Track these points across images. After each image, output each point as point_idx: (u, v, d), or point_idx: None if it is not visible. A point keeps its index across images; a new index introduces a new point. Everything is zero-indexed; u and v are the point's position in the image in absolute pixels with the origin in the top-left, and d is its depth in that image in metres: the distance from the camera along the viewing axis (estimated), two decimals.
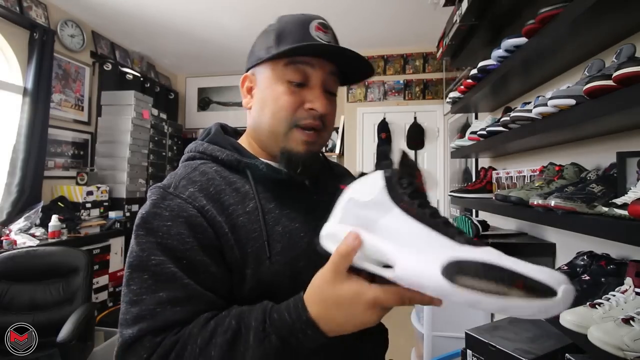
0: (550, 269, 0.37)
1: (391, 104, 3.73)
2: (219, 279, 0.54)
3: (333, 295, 0.45)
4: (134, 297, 0.51)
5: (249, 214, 0.58)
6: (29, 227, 2.38)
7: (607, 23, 0.90)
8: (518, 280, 0.36)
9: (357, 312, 0.45)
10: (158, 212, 0.55)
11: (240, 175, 0.62)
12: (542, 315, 0.36)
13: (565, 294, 0.35)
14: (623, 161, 0.90)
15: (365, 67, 0.66)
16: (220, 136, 0.68)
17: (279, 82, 0.62)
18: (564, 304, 0.35)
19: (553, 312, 0.36)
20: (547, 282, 0.35)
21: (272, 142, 0.64)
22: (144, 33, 3.38)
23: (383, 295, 0.43)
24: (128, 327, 0.50)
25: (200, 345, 0.47)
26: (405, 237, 0.42)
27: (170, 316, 0.50)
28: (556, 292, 0.35)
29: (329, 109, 0.63)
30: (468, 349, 1.32)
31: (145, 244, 0.53)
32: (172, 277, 0.51)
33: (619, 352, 0.68)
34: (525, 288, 0.36)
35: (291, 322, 0.47)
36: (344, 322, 0.46)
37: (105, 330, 2.35)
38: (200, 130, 4.53)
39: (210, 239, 0.55)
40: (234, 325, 0.48)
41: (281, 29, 0.63)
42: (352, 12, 2.93)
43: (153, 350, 0.48)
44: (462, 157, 2.46)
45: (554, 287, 0.35)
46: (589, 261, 0.97)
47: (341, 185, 0.52)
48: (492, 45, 1.34)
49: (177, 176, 0.61)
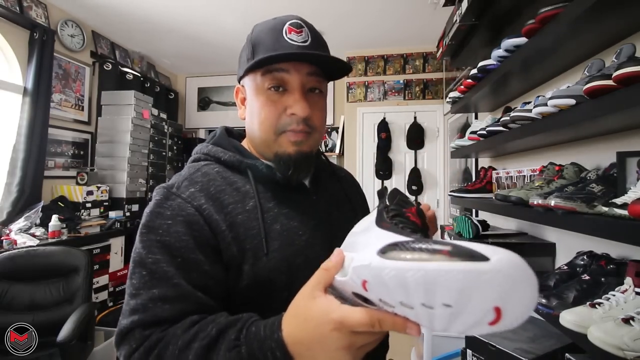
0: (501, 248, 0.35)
1: (391, 104, 3.73)
2: (212, 277, 0.56)
3: (304, 309, 0.44)
4: (133, 290, 0.54)
5: (249, 212, 0.61)
6: (29, 227, 2.38)
7: (607, 23, 0.90)
8: (444, 249, 0.35)
9: (324, 332, 0.41)
10: (160, 211, 0.58)
11: (242, 176, 0.65)
12: (473, 281, 0.34)
13: (503, 262, 0.33)
14: (623, 161, 0.90)
15: (341, 64, 0.65)
16: (224, 138, 0.71)
17: (260, 93, 0.64)
18: (502, 273, 0.33)
19: (485, 279, 0.34)
20: (478, 249, 0.34)
21: (266, 149, 0.66)
22: (144, 33, 3.38)
23: (351, 314, 0.40)
24: (124, 318, 0.54)
25: (180, 347, 0.49)
26: (370, 243, 0.42)
27: (160, 313, 0.52)
28: (488, 258, 0.34)
29: (309, 111, 0.63)
30: (468, 349, 1.32)
31: (147, 241, 0.56)
32: (165, 276, 0.54)
33: (619, 352, 0.67)
34: (450, 254, 0.35)
35: (263, 337, 0.46)
36: (310, 345, 0.43)
37: (105, 330, 2.35)
38: (200, 130, 4.55)
39: (206, 237, 0.57)
40: (213, 333, 0.49)
41: (255, 38, 0.64)
42: (352, 12, 2.93)
43: (141, 342, 0.51)
44: (462, 157, 2.46)
45: (485, 254, 0.34)
46: (589, 261, 0.97)
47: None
48: (492, 45, 1.34)
49: (180, 177, 0.64)
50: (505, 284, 0.35)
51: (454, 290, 0.37)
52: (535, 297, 0.36)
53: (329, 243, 0.62)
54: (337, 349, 0.41)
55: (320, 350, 0.42)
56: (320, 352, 0.42)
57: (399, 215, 0.45)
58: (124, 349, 0.52)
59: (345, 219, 0.70)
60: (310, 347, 0.43)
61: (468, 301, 0.37)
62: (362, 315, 0.39)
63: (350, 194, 0.81)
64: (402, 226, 0.44)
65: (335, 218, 0.71)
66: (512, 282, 0.35)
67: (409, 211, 0.47)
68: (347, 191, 0.81)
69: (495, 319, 0.37)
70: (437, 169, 3.60)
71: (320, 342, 0.42)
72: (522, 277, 0.35)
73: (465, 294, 0.36)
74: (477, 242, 0.38)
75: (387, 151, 3.66)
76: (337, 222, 0.70)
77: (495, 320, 0.37)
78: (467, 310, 0.38)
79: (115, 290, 2.84)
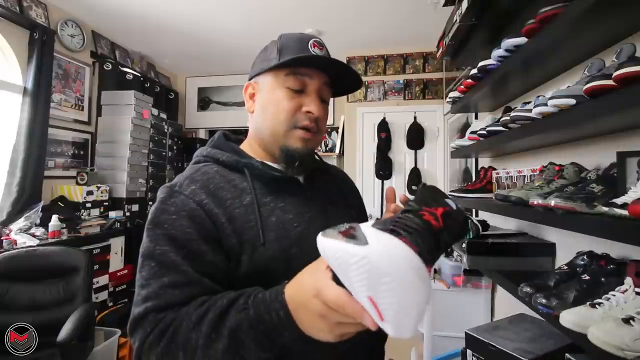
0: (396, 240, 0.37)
1: (391, 104, 3.73)
2: (215, 266, 0.61)
3: (302, 276, 0.50)
4: (143, 281, 0.59)
5: (246, 206, 0.66)
6: (29, 227, 2.38)
7: (607, 23, 0.90)
8: (348, 230, 0.39)
9: (308, 296, 0.46)
10: (165, 207, 0.64)
11: (239, 174, 0.70)
12: (345, 261, 0.37)
13: (378, 251, 0.35)
14: (623, 161, 0.90)
15: (355, 79, 0.75)
16: (223, 142, 0.77)
17: (280, 89, 0.70)
18: (370, 261, 0.35)
19: (354, 261, 0.36)
20: (368, 234, 0.37)
21: (273, 142, 0.72)
22: (144, 33, 3.38)
23: (327, 289, 0.44)
24: (137, 307, 0.58)
25: (194, 321, 0.54)
26: None
27: (171, 298, 0.57)
28: (368, 243, 0.36)
29: (322, 113, 0.72)
30: (468, 349, 1.32)
31: (153, 235, 0.62)
32: (173, 265, 0.59)
33: (619, 352, 0.67)
34: (345, 234, 0.39)
35: (269, 300, 0.51)
36: (299, 306, 0.48)
37: (105, 330, 2.34)
38: (200, 130, 4.55)
39: (208, 229, 0.62)
40: (224, 303, 0.54)
41: (283, 44, 0.72)
42: (352, 12, 2.93)
43: (155, 324, 0.55)
44: (462, 157, 2.46)
45: (368, 239, 0.36)
46: (589, 261, 0.97)
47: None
48: (492, 45, 1.34)
49: (182, 177, 0.69)
50: (373, 272, 0.36)
51: (341, 268, 0.39)
52: (418, 302, 0.36)
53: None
54: (316, 315, 0.46)
55: (304, 312, 0.47)
56: (304, 314, 0.48)
57: (411, 211, 0.44)
58: (139, 334, 0.56)
59: (340, 212, 0.78)
60: (299, 308, 0.48)
61: (350, 283, 0.39)
62: (334, 293, 0.43)
63: (344, 190, 0.87)
64: (395, 222, 0.42)
65: (330, 211, 0.76)
66: (379, 274, 0.35)
67: (429, 210, 0.44)
68: (341, 188, 0.86)
69: (378, 314, 0.37)
70: (437, 169, 3.60)
71: (304, 305, 0.47)
72: (395, 271, 0.35)
73: (347, 274, 0.39)
74: (410, 234, 0.39)
75: (387, 151, 3.66)
76: (332, 215, 0.75)
77: (380, 316, 0.37)
78: (357, 296, 0.40)
79: (115, 290, 2.84)
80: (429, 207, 0.44)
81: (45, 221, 2.42)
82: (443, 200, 0.46)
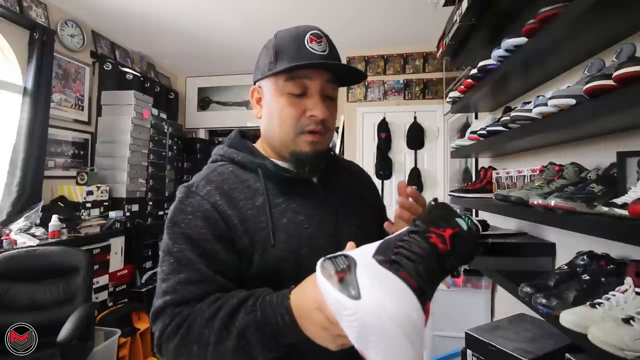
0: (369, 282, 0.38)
1: (391, 104, 3.72)
2: (228, 264, 0.64)
3: (306, 284, 0.51)
4: (163, 275, 0.64)
5: (258, 208, 0.68)
6: (29, 227, 2.37)
7: (607, 23, 0.90)
8: (342, 273, 0.40)
9: (310, 308, 0.48)
10: (182, 207, 0.67)
11: (253, 174, 0.72)
12: (338, 311, 0.39)
13: (368, 309, 0.36)
14: (623, 161, 0.90)
15: (358, 73, 0.75)
16: (238, 141, 0.79)
17: (281, 95, 0.70)
18: (359, 318, 0.36)
19: (345, 314, 0.37)
20: (364, 285, 0.38)
21: (283, 148, 0.73)
22: (144, 33, 3.38)
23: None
24: (158, 299, 0.63)
25: (207, 318, 0.57)
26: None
27: (187, 293, 0.61)
28: (360, 297, 0.37)
29: (327, 114, 0.70)
30: (468, 349, 1.33)
31: (172, 234, 0.66)
32: (189, 262, 0.63)
33: (619, 352, 0.67)
34: (341, 280, 0.40)
35: (275, 304, 0.53)
36: (302, 315, 0.50)
37: (105, 330, 2.35)
38: (200, 130, 4.56)
39: (221, 230, 0.65)
40: (235, 303, 0.57)
41: (278, 45, 0.70)
42: (352, 12, 2.92)
43: (173, 318, 0.60)
44: (462, 157, 2.46)
45: (362, 292, 0.37)
46: (589, 261, 0.97)
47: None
48: (492, 45, 1.34)
49: (199, 177, 0.72)
50: (362, 329, 0.36)
51: (334, 310, 0.39)
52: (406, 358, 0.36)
53: (333, 236, 0.71)
54: (318, 326, 0.48)
55: (307, 321, 0.50)
56: (307, 323, 0.50)
57: (417, 232, 0.42)
58: (159, 324, 0.61)
59: (352, 213, 0.77)
60: (302, 317, 0.50)
61: (341, 330, 0.39)
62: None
63: (361, 188, 0.87)
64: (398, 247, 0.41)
65: (342, 213, 0.76)
66: (367, 332, 0.35)
67: (437, 232, 0.42)
68: (358, 185, 0.86)
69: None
70: (437, 169, 3.60)
71: (307, 315, 0.49)
72: (382, 332, 0.35)
73: (339, 319, 0.39)
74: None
75: (387, 151, 3.66)
76: (343, 217, 0.75)
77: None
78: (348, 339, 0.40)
79: (115, 290, 2.83)
80: (437, 227, 0.42)
81: (45, 221, 2.42)
82: (454, 220, 0.43)
